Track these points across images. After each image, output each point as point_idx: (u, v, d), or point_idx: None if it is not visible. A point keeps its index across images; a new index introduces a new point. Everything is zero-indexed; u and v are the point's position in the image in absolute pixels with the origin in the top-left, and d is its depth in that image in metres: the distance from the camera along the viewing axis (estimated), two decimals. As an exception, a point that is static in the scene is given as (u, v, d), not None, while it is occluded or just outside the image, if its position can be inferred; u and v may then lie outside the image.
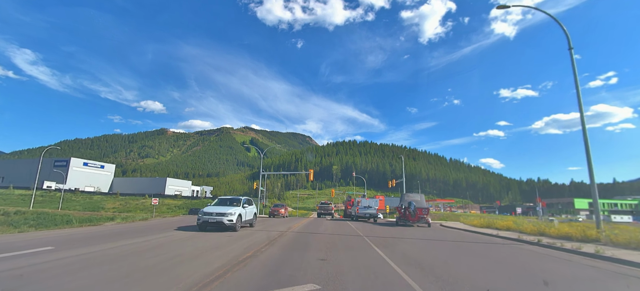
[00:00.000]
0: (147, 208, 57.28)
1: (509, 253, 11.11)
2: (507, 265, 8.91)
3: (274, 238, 12.75)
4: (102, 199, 65.29)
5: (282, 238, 13.12)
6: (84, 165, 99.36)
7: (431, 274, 6.77)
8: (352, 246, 11.55)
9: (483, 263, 9.10)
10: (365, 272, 6.86)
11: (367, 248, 11.07)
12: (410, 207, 23.33)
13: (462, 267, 8.11)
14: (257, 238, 12.60)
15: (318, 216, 40.59)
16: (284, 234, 14.73)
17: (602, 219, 57.31)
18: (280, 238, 12.84)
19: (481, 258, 10.05)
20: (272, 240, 12.14)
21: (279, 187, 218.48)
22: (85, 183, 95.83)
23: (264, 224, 21.98)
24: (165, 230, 15.55)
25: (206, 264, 7.18)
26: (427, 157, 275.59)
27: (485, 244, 13.49)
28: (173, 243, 10.76)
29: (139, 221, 24.64)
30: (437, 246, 12.38)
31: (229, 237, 12.74)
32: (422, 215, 23.04)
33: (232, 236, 13.27)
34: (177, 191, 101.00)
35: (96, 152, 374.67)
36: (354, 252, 10.02)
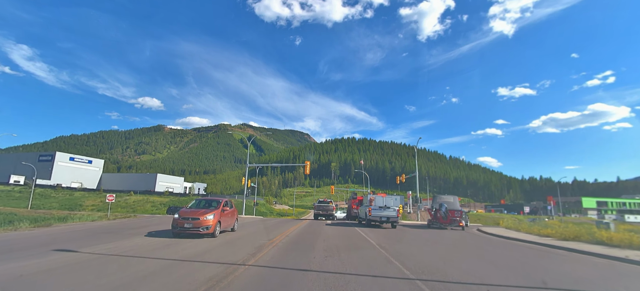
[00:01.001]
0: (129, 206, 53.14)
1: None
2: None
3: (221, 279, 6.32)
4: (83, 195, 61.04)
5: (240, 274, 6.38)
6: (70, 159, 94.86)
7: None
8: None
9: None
10: None
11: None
12: (441, 209, 22.91)
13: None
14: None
15: (315, 218, 32.17)
16: (256, 255, 8.66)
17: (615, 219, 52.10)
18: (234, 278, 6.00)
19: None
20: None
21: (276, 185, 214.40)
22: (71, 178, 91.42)
23: (246, 229, 17.01)
24: (128, 235, 12.42)
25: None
26: (426, 154, 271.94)
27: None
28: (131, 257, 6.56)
29: (100, 222, 20.82)
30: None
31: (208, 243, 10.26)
32: (454, 217, 22.49)
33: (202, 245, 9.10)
34: (168, 188, 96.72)
35: (92, 148, 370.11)
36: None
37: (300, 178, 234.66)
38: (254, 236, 13.67)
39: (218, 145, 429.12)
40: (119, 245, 9.73)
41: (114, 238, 11.39)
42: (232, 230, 15.76)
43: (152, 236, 12.33)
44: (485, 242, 15.02)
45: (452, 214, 22.48)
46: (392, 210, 20.94)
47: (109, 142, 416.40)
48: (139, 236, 12.16)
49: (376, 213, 20.81)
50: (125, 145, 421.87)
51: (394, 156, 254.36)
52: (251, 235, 14.46)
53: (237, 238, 12.91)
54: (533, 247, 13.36)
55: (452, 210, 22.67)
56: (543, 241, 14.53)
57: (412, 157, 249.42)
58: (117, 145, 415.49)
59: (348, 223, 25.10)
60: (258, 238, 12.94)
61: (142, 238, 11.72)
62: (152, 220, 24.16)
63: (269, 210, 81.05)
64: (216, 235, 12.84)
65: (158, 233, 13.52)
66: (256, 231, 16.25)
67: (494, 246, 13.69)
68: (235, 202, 63.76)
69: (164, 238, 11.63)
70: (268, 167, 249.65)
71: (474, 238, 16.77)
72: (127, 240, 10.90)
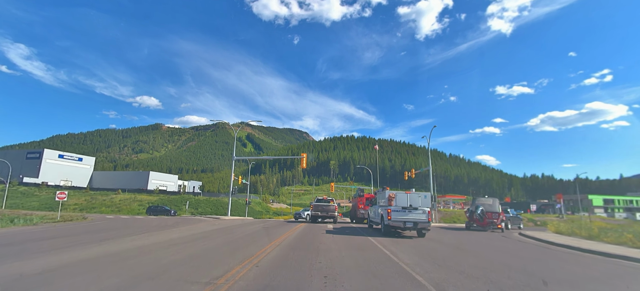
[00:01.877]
0: (115, 205, 50.04)
1: None
2: None
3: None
4: (68, 194, 57.77)
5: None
6: (59, 157, 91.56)
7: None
8: None
9: None
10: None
11: None
12: (477, 211, 22.79)
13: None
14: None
15: (312, 221, 25.91)
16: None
17: (626, 217, 48.68)
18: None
19: None
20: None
21: (274, 183, 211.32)
22: (60, 176, 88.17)
23: (210, 240, 11.51)
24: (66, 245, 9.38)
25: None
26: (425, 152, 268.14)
27: None
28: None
29: (52, 225, 18.00)
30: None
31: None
32: (491, 219, 22.27)
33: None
34: (161, 186, 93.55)
35: (89, 147, 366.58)
36: None
37: (299, 177, 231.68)
38: (220, 254, 8.45)
39: (216, 143, 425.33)
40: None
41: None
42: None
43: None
44: (575, 264, 9.58)
45: (490, 216, 22.38)
46: (422, 211, 14.89)
47: (106, 140, 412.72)
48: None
49: (399, 217, 14.87)
50: (123, 144, 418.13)
51: (393, 154, 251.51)
52: (221, 251, 9.05)
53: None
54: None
55: (490, 212, 22.53)
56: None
57: (411, 155, 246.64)
58: (114, 143, 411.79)
59: (355, 229, 18.86)
60: (230, 260, 7.44)
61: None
62: (114, 223, 21.08)
63: (265, 209, 78.01)
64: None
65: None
66: (229, 241, 10.96)
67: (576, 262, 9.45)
68: (216, 201, 59.54)
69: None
70: (266, 165, 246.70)
71: (556, 255, 11.31)
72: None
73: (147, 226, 18.66)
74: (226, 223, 22.24)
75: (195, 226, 18.47)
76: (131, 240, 11.04)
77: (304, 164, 31.79)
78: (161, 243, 10.50)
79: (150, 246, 9.62)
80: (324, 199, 26.47)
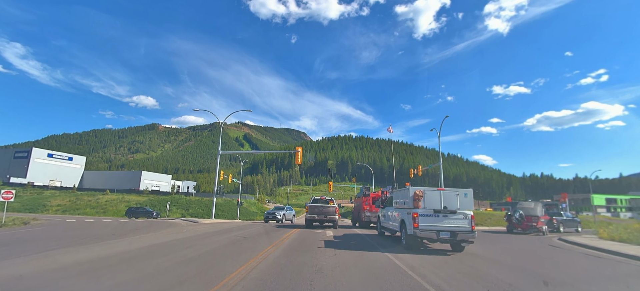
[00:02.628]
0: (100, 206, 47.66)
1: None
2: None
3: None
4: (53, 195, 55.37)
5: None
6: (48, 156, 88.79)
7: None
8: None
9: None
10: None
11: None
12: (516, 215, 22.76)
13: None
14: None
15: (307, 225, 21.26)
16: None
17: (631, 217, 46.38)
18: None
19: None
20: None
21: (271, 183, 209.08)
22: (49, 176, 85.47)
23: (146, 262, 7.54)
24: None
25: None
26: (424, 152, 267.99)
27: None
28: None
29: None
30: None
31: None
32: (530, 223, 22.06)
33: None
34: (154, 186, 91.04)
35: (84, 147, 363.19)
36: None
37: (296, 177, 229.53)
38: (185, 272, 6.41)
39: (213, 143, 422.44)
40: None
41: None
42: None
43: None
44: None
45: (529, 220, 22.24)
46: (462, 217, 10.72)
47: (102, 140, 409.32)
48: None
49: (430, 224, 10.58)
50: (119, 144, 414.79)
51: (391, 153, 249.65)
52: (189, 267, 6.91)
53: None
54: None
55: (529, 216, 22.32)
56: None
57: (410, 154, 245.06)
58: (110, 143, 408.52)
59: (363, 239, 14.45)
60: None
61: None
62: (56, 230, 17.83)
63: (260, 210, 75.70)
64: None
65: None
66: (204, 256, 8.23)
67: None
68: (209, 202, 57.18)
69: None
70: (263, 165, 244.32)
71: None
72: None
73: (94, 234, 14.87)
74: (199, 230, 17.60)
75: (155, 235, 14.45)
76: (33, 260, 7.70)
77: (299, 160, 29.08)
78: (68, 266, 7.01)
79: (45, 272, 6.39)
80: (321, 199, 21.80)
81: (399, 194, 13.07)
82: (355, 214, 27.13)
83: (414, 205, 11.00)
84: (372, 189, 43.55)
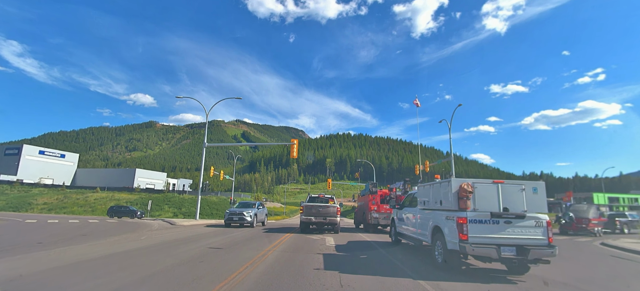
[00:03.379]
0: (88, 204, 45.83)
1: None
2: None
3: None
4: (41, 192, 53.42)
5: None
6: (39, 153, 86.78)
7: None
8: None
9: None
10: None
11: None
12: (566, 217, 23.12)
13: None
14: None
15: (302, 229, 17.72)
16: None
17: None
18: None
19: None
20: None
21: (269, 181, 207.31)
22: (41, 174, 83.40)
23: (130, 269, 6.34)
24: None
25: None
26: (423, 150, 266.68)
27: None
28: None
29: None
30: None
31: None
32: (581, 224, 22.09)
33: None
34: (149, 184, 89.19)
35: (81, 145, 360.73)
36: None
37: (294, 175, 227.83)
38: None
39: (211, 141, 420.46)
40: None
41: None
42: None
43: None
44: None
45: (579, 221, 22.20)
46: (533, 223, 7.08)
47: (99, 138, 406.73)
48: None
49: (486, 235, 7.01)
50: (116, 142, 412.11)
51: (390, 151, 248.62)
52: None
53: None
54: None
55: (579, 218, 22.29)
56: None
57: (408, 153, 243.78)
58: (107, 141, 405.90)
59: (376, 250, 11.04)
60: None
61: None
62: (9, 230, 15.94)
63: (257, 207, 73.78)
64: None
65: None
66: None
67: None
68: (203, 200, 54.64)
69: None
70: (261, 163, 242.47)
71: None
72: None
73: (26, 241, 11.95)
74: (167, 236, 14.01)
75: (101, 244, 11.16)
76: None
77: (294, 153, 27.03)
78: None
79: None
80: (320, 197, 18.39)
81: (427, 190, 9.28)
82: (359, 215, 24.13)
83: (459, 206, 7.31)
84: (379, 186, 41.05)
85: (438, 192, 8.39)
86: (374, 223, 19.71)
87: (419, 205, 9.86)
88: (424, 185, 9.74)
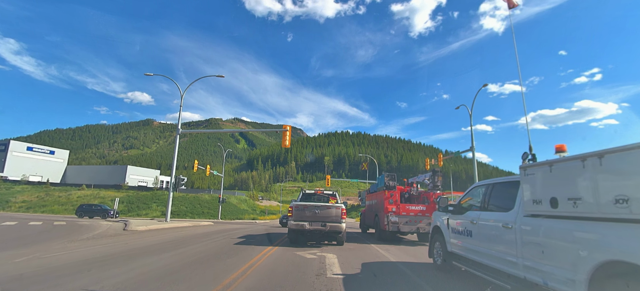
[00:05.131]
0: (70, 202, 43.33)
1: None
2: None
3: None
4: (24, 189, 50.78)
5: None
6: (27, 150, 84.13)
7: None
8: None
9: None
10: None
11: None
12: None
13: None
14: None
15: (291, 239, 12.33)
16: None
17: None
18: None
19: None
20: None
21: (266, 179, 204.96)
22: (29, 170, 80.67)
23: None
24: None
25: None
26: (423, 148, 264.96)
27: None
28: None
29: None
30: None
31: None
32: None
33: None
34: (141, 181, 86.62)
35: (78, 143, 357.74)
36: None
37: (292, 173, 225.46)
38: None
39: (208, 139, 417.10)
40: None
41: None
42: None
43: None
44: None
45: None
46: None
47: (96, 136, 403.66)
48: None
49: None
50: (112, 140, 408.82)
51: (389, 150, 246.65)
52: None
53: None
54: None
55: None
56: None
57: (407, 151, 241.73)
58: (104, 139, 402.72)
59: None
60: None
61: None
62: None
63: (252, 207, 71.43)
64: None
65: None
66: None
67: None
68: (194, 198, 51.68)
69: None
70: (258, 161, 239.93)
71: None
72: None
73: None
74: (104, 247, 10.59)
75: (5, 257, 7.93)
76: None
77: (286, 142, 24.02)
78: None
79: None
80: (317, 193, 14.55)
81: (560, 176, 4.01)
82: (369, 217, 19.04)
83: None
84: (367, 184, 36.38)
85: (587, 181, 3.57)
86: (393, 228, 14.35)
87: (522, 208, 4.81)
88: (534, 166, 4.56)
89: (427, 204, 15.15)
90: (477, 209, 6.23)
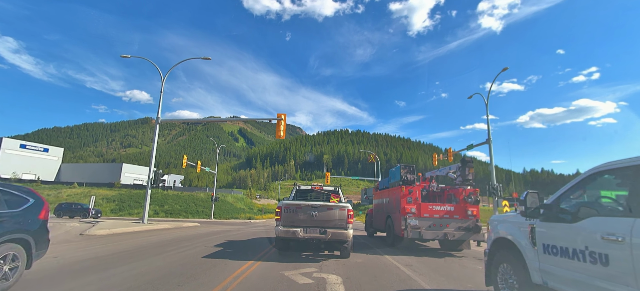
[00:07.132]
0: (59, 201, 41.74)
1: None
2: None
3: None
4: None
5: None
6: (20, 147, 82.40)
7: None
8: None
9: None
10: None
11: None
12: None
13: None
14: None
15: (279, 248, 9.69)
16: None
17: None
18: None
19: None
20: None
21: (265, 178, 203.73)
22: (22, 168, 79.04)
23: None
24: None
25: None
26: (422, 147, 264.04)
27: None
28: None
29: None
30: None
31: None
32: None
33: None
34: (137, 179, 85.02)
35: (76, 141, 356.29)
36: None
37: (291, 171, 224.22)
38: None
39: (207, 137, 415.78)
40: None
41: None
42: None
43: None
44: None
45: None
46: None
47: (94, 134, 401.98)
48: None
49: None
50: (111, 138, 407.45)
51: (388, 148, 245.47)
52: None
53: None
54: None
55: None
56: None
57: (407, 149, 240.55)
58: (102, 137, 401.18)
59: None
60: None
61: None
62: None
63: (249, 206, 69.99)
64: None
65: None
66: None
67: None
68: (189, 197, 49.70)
69: None
70: (257, 159, 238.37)
71: None
72: None
73: None
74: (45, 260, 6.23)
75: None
76: None
77: (281, 132, 22.05)
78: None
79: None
80: (314, 189, 12.03)
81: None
82: (378, 218, 16.17)
83: None
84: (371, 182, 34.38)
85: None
86: (413, 236, 11.36)
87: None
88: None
89: (456, 203, 12.19)
90: (621, 214, 3.29)
